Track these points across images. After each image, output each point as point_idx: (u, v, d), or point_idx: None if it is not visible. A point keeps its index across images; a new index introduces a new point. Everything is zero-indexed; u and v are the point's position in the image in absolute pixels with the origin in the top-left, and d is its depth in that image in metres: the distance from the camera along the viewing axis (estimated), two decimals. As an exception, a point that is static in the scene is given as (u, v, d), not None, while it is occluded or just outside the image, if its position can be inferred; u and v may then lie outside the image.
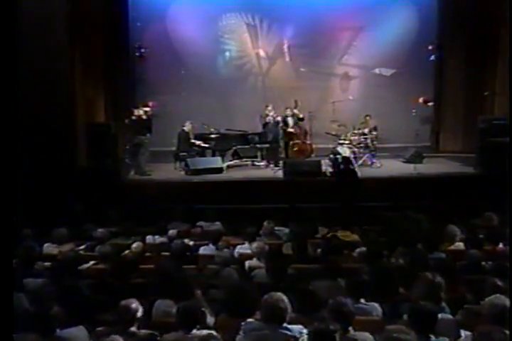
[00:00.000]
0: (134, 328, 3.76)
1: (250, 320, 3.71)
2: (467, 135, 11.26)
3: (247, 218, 7.25)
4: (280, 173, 9.85)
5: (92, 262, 5.59)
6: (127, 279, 4.92)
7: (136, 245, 5.98)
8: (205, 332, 3.55)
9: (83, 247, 6.29)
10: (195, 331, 3.60)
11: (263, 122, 11.01)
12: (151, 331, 3.77)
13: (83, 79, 9.45)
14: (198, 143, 10.69)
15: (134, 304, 3.80)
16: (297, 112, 11.09)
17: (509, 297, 3.63)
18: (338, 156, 9.73)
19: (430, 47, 11.65)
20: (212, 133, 10.69)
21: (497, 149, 9.17)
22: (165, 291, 4.37)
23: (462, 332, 3.58)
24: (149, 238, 6.67)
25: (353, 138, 10.61)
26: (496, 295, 3.69)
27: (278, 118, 10.95)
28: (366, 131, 10.79)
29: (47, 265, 5.42)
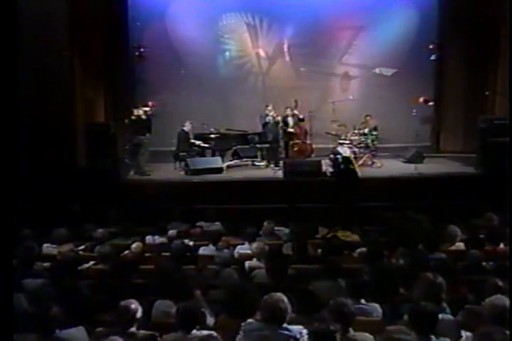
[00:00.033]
0: (134, 329, 3.76)
1: (250, 321, 3.71)
2: (468, 135, 11.25)
3: (247, 218, 7.26)
4: (280, 173, 9.84)
5: (92, 262, 5.59)
6: (127, 279, 4.91)
7: (135, 245, 5.98)
8: (204, 333, 3.54)
9: (83, 247, 6.30)
10: (194, 331, 3.60)
11: (263, 122, 10.98)
12: (151, 332, 3.77)
13: (83, 79, 9.44)
14: (198, 143, 10.67)
15: (134, 304, 3.80)
16: (297, 113, 11.06)
17: (509, 297, 3.62)
18: (339, 156, 9.70)
19: (431, 46, 11.61)
20: (212, 133, 10.68)
21: (498, 149, 9.15)
22: (165, 292, 4.37)
23: (463, 333, 3.57)
24: (149, 238, 6.67)
25: (354, 138, 10.60)
26: (497, 295, 3.68)
27: (278, 118, 10.93)
28: (366, 131, 10.77)
29: (46, 265, 5.42)
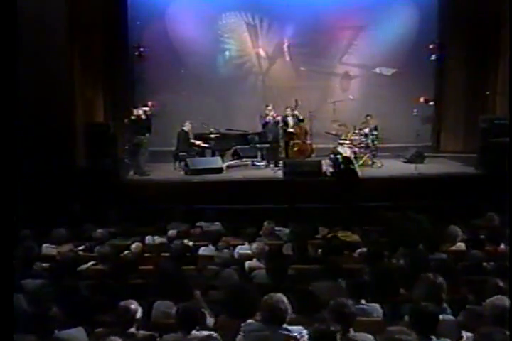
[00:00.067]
0: (133, 329, 3.75)
1: (250, 321, 3.69)
2: (468, 135, 11.24)
3: (247, 218, 7.25)
4: (280, 173, 9.82)
5: (91, 263, 5.57)
6: (126, 280, 4.90)
7: (135, 245, 5.98)
8: (204, 333, 3.57)
9: (82, 248, 6.28)
10: (194, 332, 3.60)
11: (263, 122, 10.96)
12: (151, 332, 3.77)
13: (82, 78, 9.43)
14: (198, 143, 10.65)
15: (133, 305, 3.79)
16: (297, 114, 11.02)
17: (510, 298, 3.61)
18: (339, 156, 9.70)
19: (431, 46, 11.61)
20: (212, 133, 10.66)
21: (498, 149, 9.13)
22: (164, 292, 4.36)
23: (464, 333, 3.55)
24: (149, 238, 6.66)
25: (354, 138, 10.57)
26: (498, 296, 3.67)
27: (278, 118, 10.91)
28: (367, 131, 10.75)
29: (46, 266, 5.41)
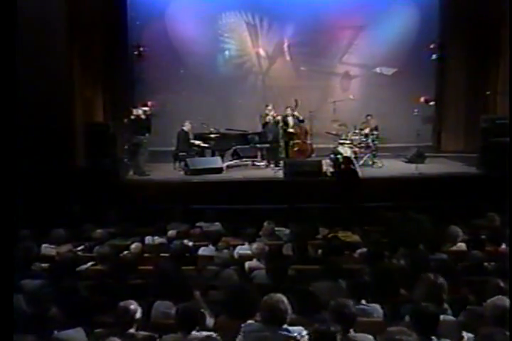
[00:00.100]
0: (133, 330, 3.74)
1: (250, 322, 3.69)
2: (469, 134, 11.23)
3: (247, 219, 7.23)
4: (280, 173, 9.81)
5: (91, 263, 5.56)
6: (126, 280, 4.90)
7: (134, 246, 5.96)
8: (204, 334, 3.57)
9: (81, 248, 6.27)
10: (194, 332, 3.61)
11: (263, 122, 10.96)
12: (150, 333, 3.76)
13: (82, 78, 9.43)
14: (198, 142, 10.64)
15: (133, 305, 3.78)
16: (297, 114, 11.00)
17: (510, 298, 3.60)
18: (339, 156, 9.69)
19: (431, 46, 11.62)
20: (211, 132, 10.65)
21: (499, 149, 9.11)
22: (164, 292, 4.35)
23: (464, 334, 3.55)
24: (148, 239, 6.65)
25: (354, 137, 10.55)
26: (499, 296, 3.66)
27: (278, 117, 10.89)
28: (367, 131, 10.74)
29: (45, 266, 5.40)
